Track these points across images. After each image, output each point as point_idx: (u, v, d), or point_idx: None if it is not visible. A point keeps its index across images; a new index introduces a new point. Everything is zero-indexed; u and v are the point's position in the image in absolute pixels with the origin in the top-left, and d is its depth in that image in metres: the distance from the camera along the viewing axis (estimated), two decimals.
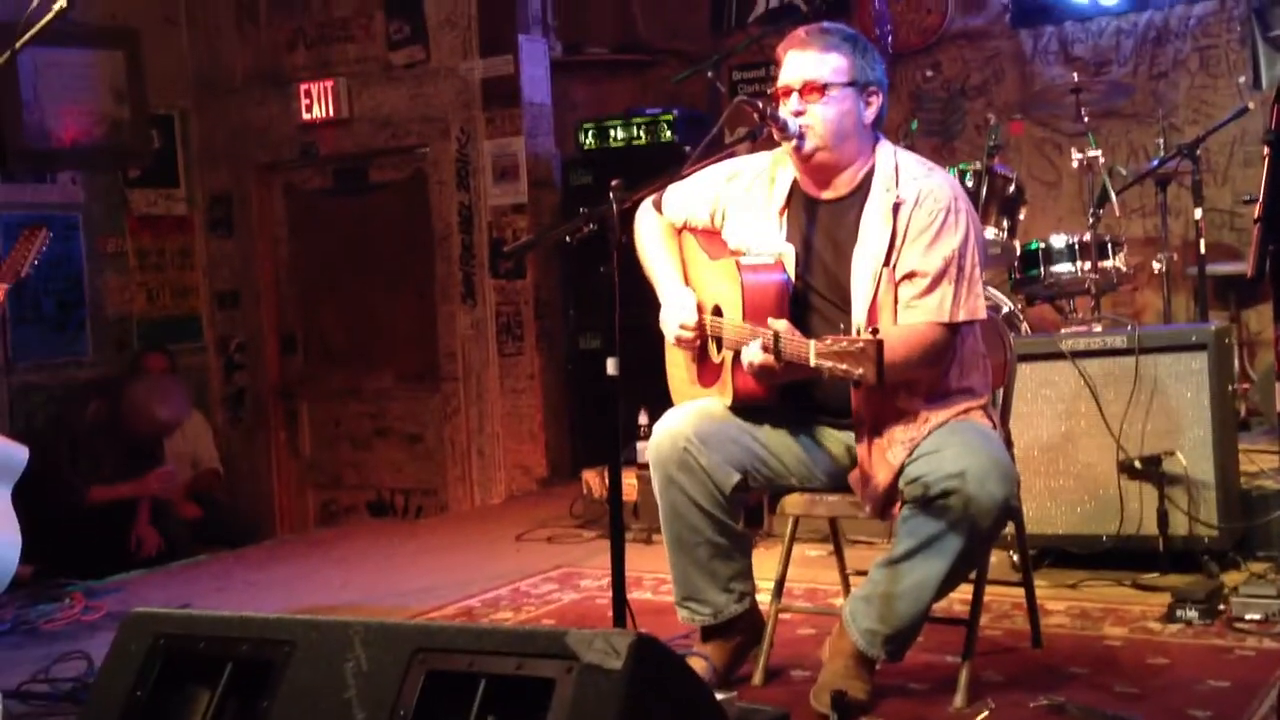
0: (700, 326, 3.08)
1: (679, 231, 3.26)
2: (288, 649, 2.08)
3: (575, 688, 1.88)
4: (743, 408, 3.03)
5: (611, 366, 2.74)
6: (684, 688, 2.04)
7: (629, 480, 5.13)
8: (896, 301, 2.89)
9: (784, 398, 3.02)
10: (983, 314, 2.96)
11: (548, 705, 1.89)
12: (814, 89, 2.93)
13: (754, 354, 2.79)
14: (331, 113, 7.21)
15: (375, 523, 7.18)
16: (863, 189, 2.98)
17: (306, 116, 7.28)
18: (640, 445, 5.35)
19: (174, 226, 7.55)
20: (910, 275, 2.88)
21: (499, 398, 6.89)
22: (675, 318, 3.09)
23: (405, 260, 7.23)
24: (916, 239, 2.88)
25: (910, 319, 2.87)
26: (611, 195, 2.74)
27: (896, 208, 2.90)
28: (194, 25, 7.58)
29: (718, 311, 3.06)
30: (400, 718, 1.97)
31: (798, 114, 2.93)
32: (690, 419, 3.03)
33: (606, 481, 3.97)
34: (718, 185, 3.18)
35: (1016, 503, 2.88)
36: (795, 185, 3.07)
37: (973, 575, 3.00)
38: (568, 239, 2.75)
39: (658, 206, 3.28)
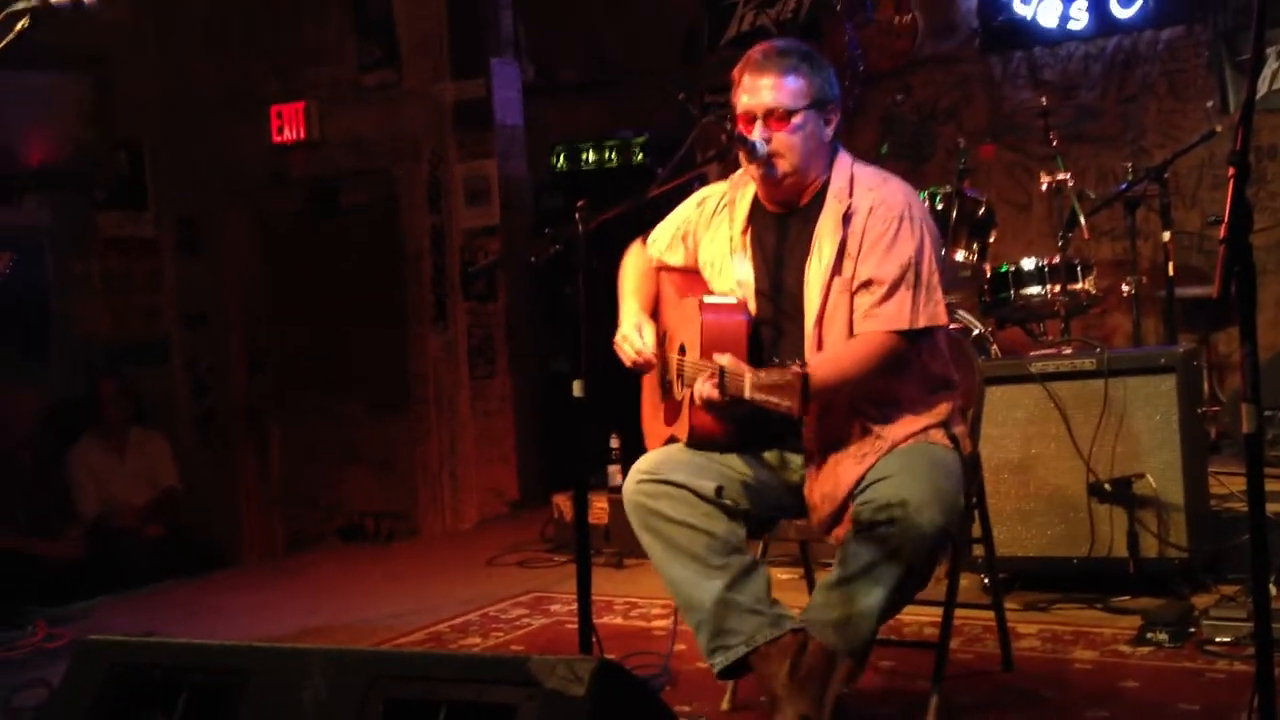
0: (658, 355, 3.04)
1: (658, 271, 3.24)
2: (244, 677, 2.05)
3: (537, 715, 1.86)
4: (700, 446, 2.95)
5: (577, 389, 2.72)
6: (647, 714, 2.02)
7: (599, 504, 5.10)
8: (852, 311, 2.87)
9: (742, 434, 2.96)
10: (944, 319, 2.92)
11: None
12: (780, 117, 2.90)
13: (702, 388, 2.75)
14: (302, 135, 7.20)
15: (345, 548, 7.12)
16: (818, 201, 2.97)
17: (277, 139, 7.27)
18: (612, 469, 5.32)
19: (142, 249, 7.50)
20: (867, 284, 2.85)
21: (470, 420, 6.85)
22: (626, 337, 3.03)
23: (376, 282, 7.20)
24: (873, 248, 2.86)
25: (869, 328, 2.84)
26: (577, 216, 2.72)
27: (848, 217, 2.89)
28: (163, 47, 7.53)
29: (684, 351, 3.02)
30: None
31: (766, 140, 2.91)
32: (649, 463, 2.94)
33: None
34: (689, 211, 3.18)
35: (955, 530, 2.80)
36: (755, 202, 3.06)
37: (943, 599, 2.97)
38: (532, 259, 2.72)
39: (644, 243, 3.27)
